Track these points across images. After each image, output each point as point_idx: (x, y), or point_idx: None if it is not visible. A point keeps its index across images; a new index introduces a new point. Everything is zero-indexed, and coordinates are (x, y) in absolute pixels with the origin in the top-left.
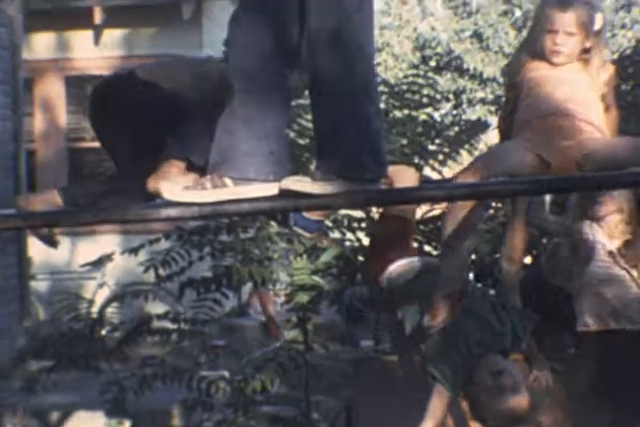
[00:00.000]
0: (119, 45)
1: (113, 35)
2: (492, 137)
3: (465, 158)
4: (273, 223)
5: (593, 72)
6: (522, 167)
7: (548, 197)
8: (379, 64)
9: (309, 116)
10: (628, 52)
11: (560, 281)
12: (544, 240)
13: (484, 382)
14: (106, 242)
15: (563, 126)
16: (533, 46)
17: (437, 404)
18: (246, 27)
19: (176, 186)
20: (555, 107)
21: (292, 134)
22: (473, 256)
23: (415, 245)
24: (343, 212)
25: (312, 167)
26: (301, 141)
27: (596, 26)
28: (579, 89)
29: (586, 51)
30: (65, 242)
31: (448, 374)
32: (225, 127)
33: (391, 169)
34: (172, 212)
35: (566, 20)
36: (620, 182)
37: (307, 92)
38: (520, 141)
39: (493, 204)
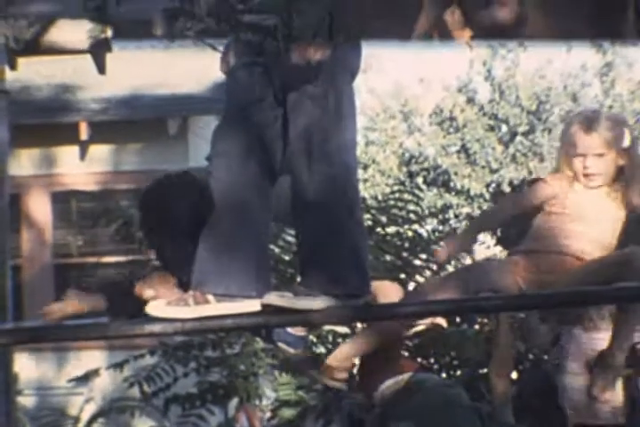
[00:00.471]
0: (105, 161)
1: (99, 150)
2: (478, 252)
3: None
4: (258, 339)
5: (630, 194)
6: (502, 287)
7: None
8: (365, 180)
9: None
10: None
11: None
12: (530, 356)
13: None
14: (93, 358)
15: (554, 264)
16: (567, 168)
17: None
18: (228, 141)
19: (160, 302)
20: (558, 245)
21: (276, 250)
22: (458, 373)
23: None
24: (327, 327)
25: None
26: (286, 257)
27: (626, 142)
28: (600, 218)
29: (621, 169)
30: (52, 358)
31: None
32: (206, 244)
33: (375, 284)
34: (155, 328)
35: (593, 143)
36: (603, 298)
37: None
38: (507, 262)
39: (479, 319)
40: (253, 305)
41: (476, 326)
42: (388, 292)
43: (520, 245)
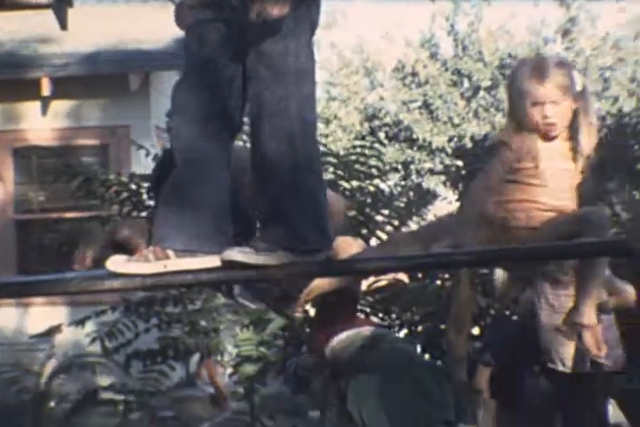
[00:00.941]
0: (67, 116)
1: (61, 106)
2: (440, 208)
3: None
4: (219, 295)
5: (581, 140)
6: (463, 242)
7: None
8: (327, 135)
9: None
10: None
11: None
12: (492, 311)
13: None
14: (57, 313)
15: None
16: (521, 120)
17: None
18: (188, 97)
19: (120, 257)
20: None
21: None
22: (420, 328)
23: (362, 316)
24: None
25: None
26: None
27: (578, 86)
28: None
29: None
30: (14, 313)
31: None
32: (166, 200)
33: (336, 240)
34: (115, 283)
35: (549, 90)
36: (562, 253)
37: None
38: (469, 218)
39: (440, 274)
40: (213, 261)
41: (438, 282)
42: (349, 247)
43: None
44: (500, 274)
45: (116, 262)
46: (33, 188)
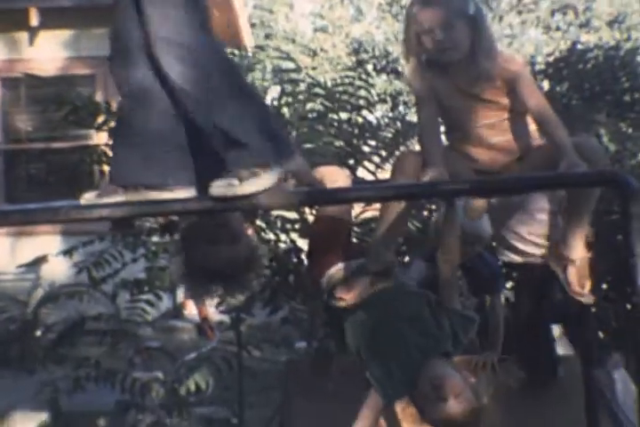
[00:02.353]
0: (56, 47)
1: (50, 36)
2: None
3: None
4: None
5: (481, 62)
6: (453, 172)
7: None
8: (314, 68)
9: None
10: (564, 54)
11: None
12: None
13: (424, 392)
14: (46, 243)
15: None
16: (417, 51)
17: (369, 409)
18: (119, 35)
19: (92, 194)
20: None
21: None
22: (407, 258)
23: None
24: (276, 213)
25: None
26: None
27: (471, 9)
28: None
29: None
30: (5, 242)
31: (384, 383)
32: (125, 142)
33: (322, 170)
34: (104, 212)
35: (437, 15)
36: (552, 183)
37: None
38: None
39: (427, 205)
40: (187, 192)
41: (426, 213)
42: (335, 177)
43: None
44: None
45: (88, 197)
46: (21, 118)
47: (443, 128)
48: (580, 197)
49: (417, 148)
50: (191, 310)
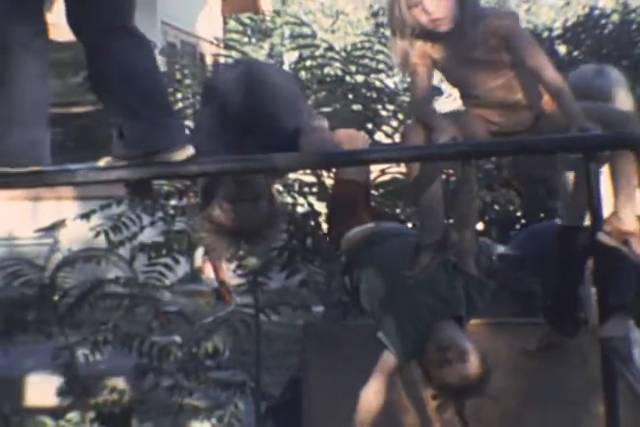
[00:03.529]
0: None
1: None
2: (444, 103)
3: None
4: None
5: (471, 24)
6: (470, 133)
7: None
8: (333, 31)
9: None
10: (581, 19)
11: None
12: (496, 207)
13: (430, 353)
14: (65, 208)
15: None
16: (405, 28)
17: (381, 370)
18: None
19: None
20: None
21: None
22: None
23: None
24: (294, 176)
25: None
26: None
27: None
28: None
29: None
30: (23, 207)
31: (397, 342)
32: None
33: (340, 133)
34: (122, 173)
35: None
36: (573, 146)
37: None
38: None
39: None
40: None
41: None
42: (353, 140)
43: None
44: None
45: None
46: None
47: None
48: (621, 167)
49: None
50: (209, 274)
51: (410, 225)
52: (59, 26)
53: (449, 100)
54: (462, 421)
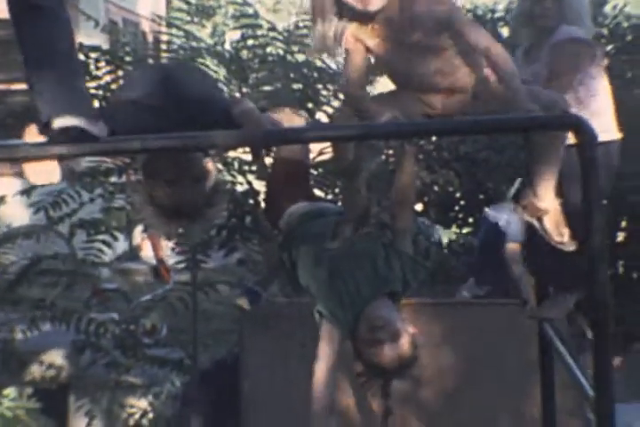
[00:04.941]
0: None
1: None
2: (386, 84)
3: None
4: None
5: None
6: (410, 113)
7: None
8: (275, 11)
9: None
10: None
11: None
12: (435, 188)
13: (362, 331)
14: (5, 185)
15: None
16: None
17: (327, 344)
18: None
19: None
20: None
21: None
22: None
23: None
24: (233, 154)
25: None
26: None
27: None
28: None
29: None
30: None
31: (338, 313)
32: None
33: (279, 113)
34: (63, 149)
35: None
36: (517, 126)
37: None
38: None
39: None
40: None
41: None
42: (292, 120)
43: None
44: None
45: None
46: None
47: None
48: (545, 145)
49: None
50: (147, 252)
51: None
52: (2, 2)
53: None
54: (386, 402)
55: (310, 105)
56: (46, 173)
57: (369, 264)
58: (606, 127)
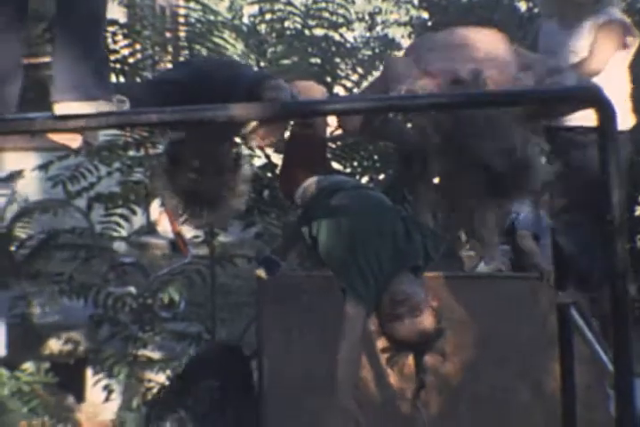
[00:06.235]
0: None
1: None
2: None
3: None
4: None
5: None
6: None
7: None
8: None
9: None
10: None
11: None
12: None
13: (384, 307)
14: (23, 159)
15: None
16: None
17: (352, 320)
18: None
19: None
20: None
21: None
22: (382, 176)
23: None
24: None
25: None
26: None
27: None
28: None
29: None
30: None
31: (360, 289)
32: None
33: (299, 84)
34: (80, 122)
35: None
36: (531, 98)
37: None
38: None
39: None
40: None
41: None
42: (312, 91)
43: None
44: None
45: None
46: None
47: None
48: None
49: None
50: (165, 226)
51: (365, 179)
52: None
53: None
54: (419, 376)
55: (328, 79)
56: (68, 139)
57: (390, 240)
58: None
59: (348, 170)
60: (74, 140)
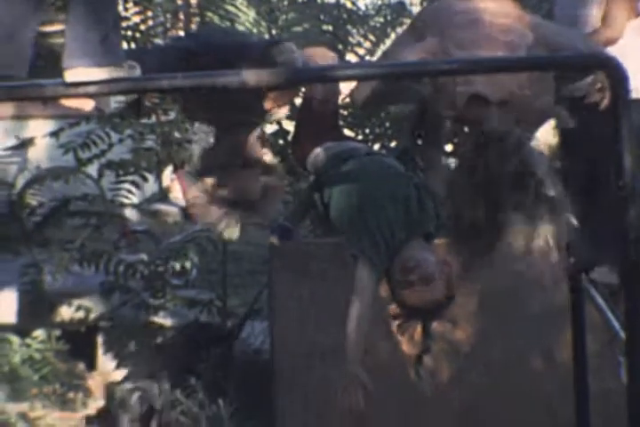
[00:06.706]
0: None
1: None
2: None
3: None
4: None
5: None
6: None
7: None
8: None
9: None
10: None
11: None
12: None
13: (395, 273)
14: (35, 127)
15: None
16: None
17: (362, 286)
18: None
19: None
20: None
21: None
22: (393, 143)
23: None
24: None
25: None
26: None
27: None
28: None
29: None
30: None
31: (372, 255)
32: None
33: (310, 51)
34: (91, 88)
35: None
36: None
37: None
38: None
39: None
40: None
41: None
42: (323, 57)
43: None
44: None
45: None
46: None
47: None
48: None
49: None
50: (177, 193)
51: (377, 146)
52: None
53: None
54: (425, 342)
55: (340, 46)
56: (80, 102)
57: (403, 206)
58: (635, 86)
59: (360, 137)
60: (86, 104)
